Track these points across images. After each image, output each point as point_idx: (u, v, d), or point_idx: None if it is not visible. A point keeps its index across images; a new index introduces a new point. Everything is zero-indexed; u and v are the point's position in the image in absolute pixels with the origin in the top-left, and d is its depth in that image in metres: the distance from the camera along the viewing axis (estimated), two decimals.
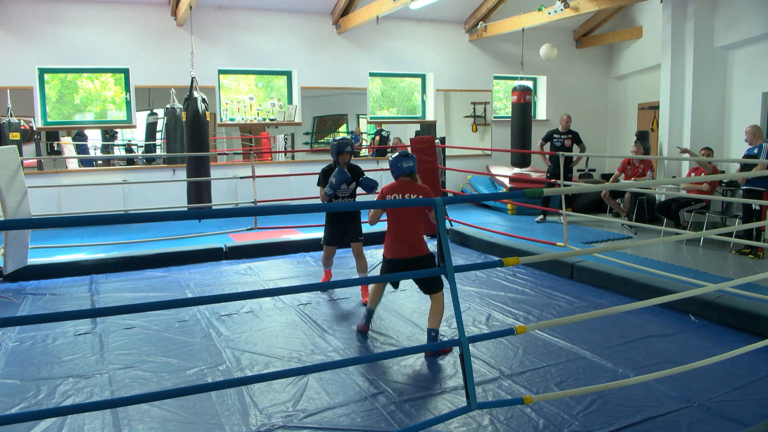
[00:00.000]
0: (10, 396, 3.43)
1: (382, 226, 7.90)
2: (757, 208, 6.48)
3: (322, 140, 10.72)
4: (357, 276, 5.43)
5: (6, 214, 5.17)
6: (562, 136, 9.15)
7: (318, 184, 5.17)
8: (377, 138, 11.20)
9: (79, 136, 9.59)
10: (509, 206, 9.69)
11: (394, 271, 4.08)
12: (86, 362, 3.91)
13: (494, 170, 10.82)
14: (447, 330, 4.46)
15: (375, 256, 6.91)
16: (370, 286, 4.60)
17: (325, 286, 4.27)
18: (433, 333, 3.98)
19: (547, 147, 9.28)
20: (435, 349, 3.91)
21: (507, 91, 12.05)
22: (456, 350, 3.91)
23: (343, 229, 5.24)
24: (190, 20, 8.27)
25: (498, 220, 9.14)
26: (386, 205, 4.32)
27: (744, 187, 6.75)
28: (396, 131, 11.45)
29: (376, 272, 6.19)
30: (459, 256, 6.90)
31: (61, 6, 8.75)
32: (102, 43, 8.99)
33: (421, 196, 4.04)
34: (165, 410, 3.19)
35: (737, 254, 6.66)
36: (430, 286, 4.10)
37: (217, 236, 7.53)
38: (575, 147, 9.14)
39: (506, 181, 10.19)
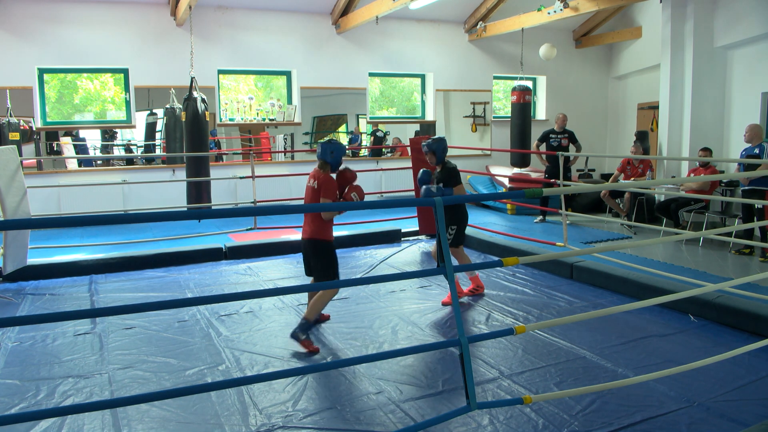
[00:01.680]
0: (10, 396, 3.43)
1: (380, 226, 7.91)
2: (760, 206, 6.48)
3: (322, 140, 10.71)
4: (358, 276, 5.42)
5: (6, 214, 5.17)
6: (559, 136, 9.13)
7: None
8: (372, 138, 11.20)
9: (71, 135, 9.56)
10: (509, 206, 9.69)
11: (302, 250, 4.46)
12: (86, 362, 3.91)
13: (494, 170, 10.82)
14: (447, 330, 4.46)
15: (374, 255, 6.93)
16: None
17: (325, 286, 4.31)
18: (303, 322, 4.12)
19: (543, 147, 9.26)
20: (435, 348, 3.91)
21: (506, 91, 12.05)
22: (456, 350, 3.91)
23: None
24: (190, 20, 8.27)
25: (498, 220, 9.14)
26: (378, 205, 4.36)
27: (744, 187, 6.74)
28: (396, 131, 11.46)
29: (377, 271, 6.20)
30: None
31: (61, 6, 8.75)
32: (102, 43, 8.98)
33: (317, 182, 4.37)
34: (165, 410, 3.19)
35: (737, 254, 6.67)
36: (317, 275, 4.37)
37: (217, 236, 7.53)
38: (571, 146, 9.14)
39: (506, 181, 10.19)
